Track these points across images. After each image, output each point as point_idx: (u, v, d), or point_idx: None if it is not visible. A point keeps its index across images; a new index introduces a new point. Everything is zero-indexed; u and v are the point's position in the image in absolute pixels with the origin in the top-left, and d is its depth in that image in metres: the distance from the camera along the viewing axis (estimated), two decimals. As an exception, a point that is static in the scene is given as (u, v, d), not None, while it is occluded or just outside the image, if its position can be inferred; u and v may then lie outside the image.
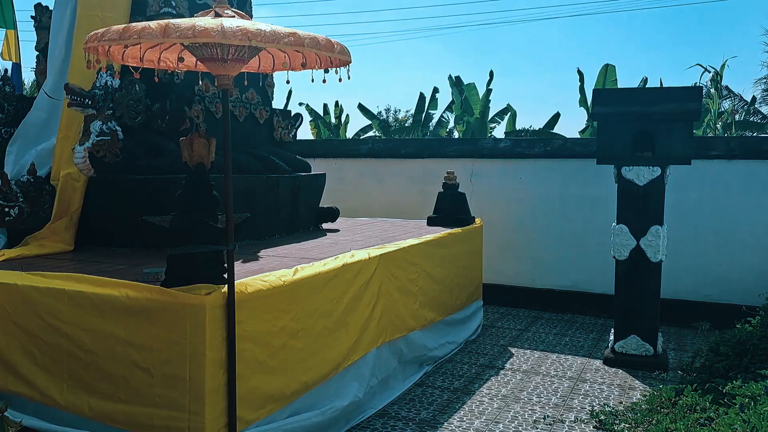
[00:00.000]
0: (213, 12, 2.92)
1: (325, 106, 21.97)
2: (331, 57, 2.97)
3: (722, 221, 6.58)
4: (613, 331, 5.47)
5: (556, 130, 16.67)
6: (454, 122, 18.97)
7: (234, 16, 2.89)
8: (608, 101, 5.38)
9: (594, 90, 5.71)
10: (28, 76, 19.92)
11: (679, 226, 6.46)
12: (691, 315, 6.27)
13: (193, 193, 3.00)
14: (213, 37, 2.46)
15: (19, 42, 10.78)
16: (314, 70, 3.28)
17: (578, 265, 7.17)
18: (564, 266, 7.25)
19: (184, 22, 2.52)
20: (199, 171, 3.04)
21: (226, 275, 3.05)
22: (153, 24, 2.51)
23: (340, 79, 3.19)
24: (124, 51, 2.98)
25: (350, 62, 3.14)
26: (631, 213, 5.26)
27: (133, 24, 2.57)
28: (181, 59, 3.16)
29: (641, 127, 5.16)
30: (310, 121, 21.69)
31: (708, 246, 6.63)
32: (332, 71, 3.23)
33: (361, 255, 4.24)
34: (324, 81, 3.29)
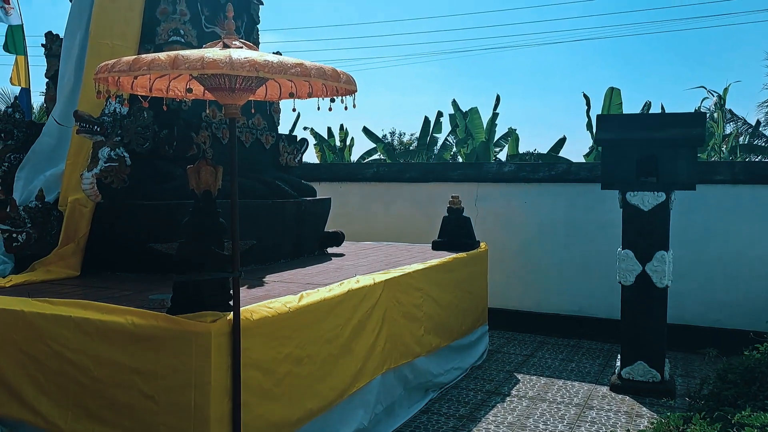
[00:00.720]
0: (221, 43, 2.97)
1: (330, 129, 22.09)
2: (338, 86, 3.01)
3: (728, 246, 6.56)
4: (619, 357, 5.43)
5: (562, 153, 16.72)
6: (458, 146, 19.05)
7: (242, 47, 2.94)
8: (612, 127, 5.41)
9: (598, 116, 5.75)
10: (37, 101, 20.16)
11: (684, 251, 6.44)
12: (699, 340, 6.22)
13: (200, 221, 3.02)
14: (221, 69, 2.50)
15: (29, 67, 10.96)
16: (321, 99, 3.33)
17: (584, 290, 7.14)
18: (570, 291, 7.23)
19: (193, 53, 2.56)
20: (205, 198, 3.07)
21: (231, 302, 3.05)
22: (162, 56, 2.55)
23: (345, 108, 3.23)
24: (134, 81, 3.03)
25: (356, 91, 3.18)
26: (636, 238, 5.26)
27: (143, 55, 2.61)
28: (189, 90, 3.21)
29: (645, 153, 5.18)
30: (315, 145, 21.80)
31: (714, 271, 6.61)
32: (338, 99, 3.27)
33: (366, 280, 4.24)
34: (330, 109, 3.33)
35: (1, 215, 4.33)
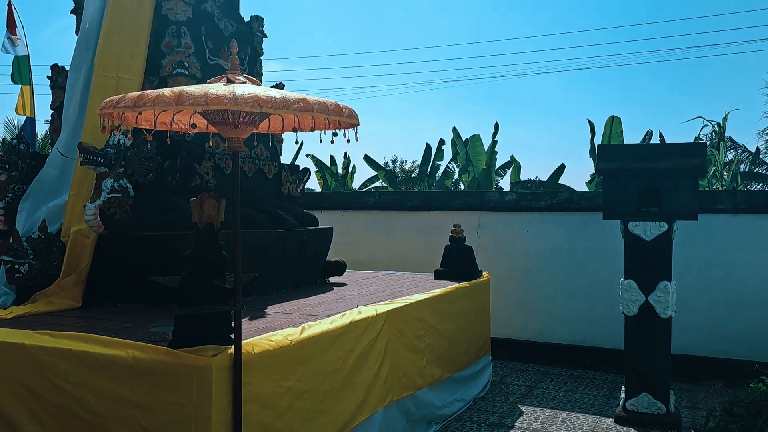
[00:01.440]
0: (225, 78, 3.00)
1: (332, 157, 22.19)
2: (340, 120, 3.03)
3: (731, 275, 6.54)
4: (624, 388, 5.38)
5: (562, 180, 16.75)
6: (460, 173, 19.12)
7: (245, 82, 2.97)
8: (613, 157, 5.43)
9: (598, 146, 5.78)
10: (41, 129, 20.29)
11: (688, 281, 6.41)
12: (704, 371, 6.17)
13: (202, 254, 3.03)
14: (225, 105, 2.53)
15: (34, 97, 11.06)
16: (324, 132, 3.35)
17: (587, 320, 7.11)
18: (573, 320, 7.19)
19: (197, 89, 2.59)
20: (208, 231, 3.07)
21: (233, 335, 3.04)
22: (167, 92, 2.58)
23: (348, 141, 3.25)
24: (138, 115, 3.06)
25: (358, 125, 3.20)
26: (639, 268, 5.24)
27: (148, 91, 2.64)
28: (193, 125, 3.23)
29: (647, 183, 5.20)
30: (317, 172, 21.88)
31: (718, 300, 6.58)
32: (341, 132, 3.30)
33: (368, 311, 4.23)
34: (332, 142, 3.36)
35: (3, 246, 4.33)
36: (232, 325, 3.06)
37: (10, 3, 10.86)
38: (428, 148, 20.09)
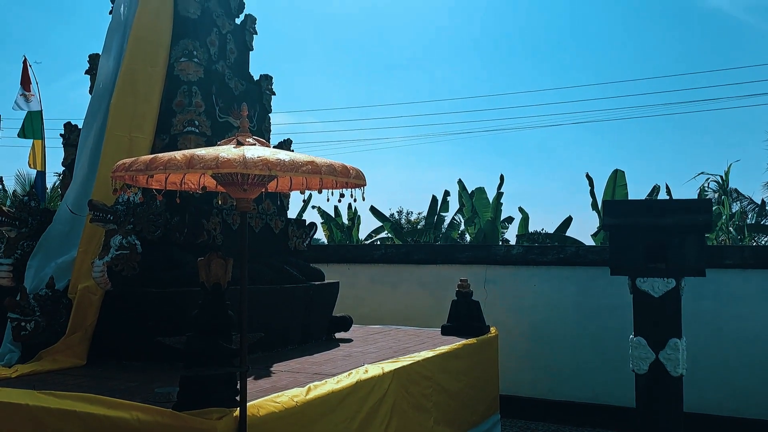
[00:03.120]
0: (235, 140, 3.06)
1: (336, 208, 22.28)
2: (348, 181, 3.07)
3: (742, 332, 6.46)
4: (636, 449, 5.25)
5: (569, 233, 16.74)
6: (466, 225, 19.15)
7: (255, 144, 3.03)
8: (619, 213, 5.44)
9: (604, 201, 5.81)
10: (51, 180, 20.52)
11: (698, 337, 6.33)
12: (718, 431, 6.02)
13: (209, 315, 3.02)
14: (235, 168, 2.57)
15: (45, 150, 11.24)
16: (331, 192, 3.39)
17: (597, 376, 6.99)
18: (582, 377, 7.08)
19: (208, 153, 2.64)
20: (215, 292, 3.08)
21: (238, 397, 3.01)
22: (178, 155, 2.63)
23: (354, 200, 3.29)
24: (149, 177, 3.11)
25: (365, 185, 3.24)
26: (648, 325, 5.18)
27: (160, 155, 2.69)
28: (204, 188, 3.28)
29: (653, 239, 5.19)
30: (322, 223, 21.93)
31: (730, 357, 6.48)
32: (347, 192, 3.33)
33: (374, 370, 4.18)
34: (339, 201, 3.40)
35: (11, 303, 4.34)
36: (238, 386, 3.03)
37: (25, 60, 11.18)
38: (434, 199, 20.18)
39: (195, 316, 3.06)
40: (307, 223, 6.75)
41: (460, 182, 18.82)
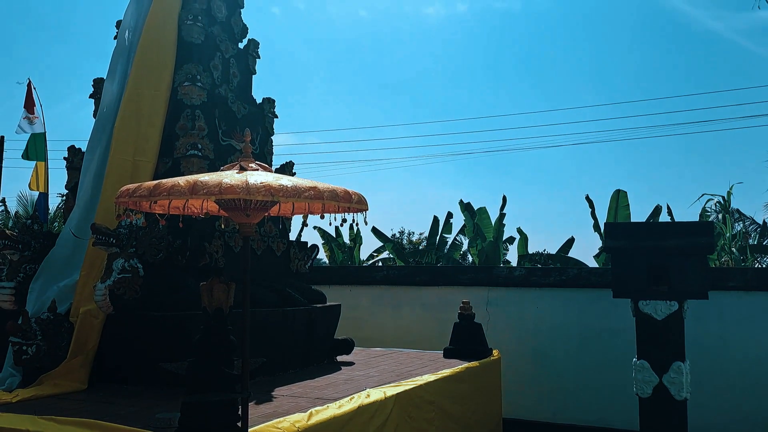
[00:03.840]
0: (238, 165, 3.08)
1: (337, 228, 22.28)
2: (350, 206, 3.08)
3: (747, 354, 6.42)
4: (641, 474, 5.19)
5: (571, 253, 16.70)
6: (467, 245, 19.13)
7: (258, 169, 3.04)
8: (620, 235, 5.44)
9: (606, 224, 5.81)
10: (54, 202, 20.56)
11: (702, 360, 6.28)
12: (723, 455, 5.96)
13: (211, 340, 3.02)
14: (238, 194, 2.59)
15: (48, 171, 11.28)
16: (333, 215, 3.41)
17: (601, 400, 6.93)
18: (586, 400, 7.02)
19: (212, 179, 2.65)
20: (217, 317, 3.08)
21: (240, 423, 2.99)
22: (182, 181, 2.64)
23: (356, 224, 3.30)
24: (153, 203, 3.12)
25: (367, 209, 3.25)
26: (651, 348, 5.15)
27: (163, 181, 2.71)
28: (207, 214, 3.30)
29: (655, 261, 5.18)
30: (324, 244, 21.90)
31: (734, 380, 6.43)
32: (350, 216, 3.35)
33: (376, 394, 4.15)
34: (341, 225, 3.42)
35: (12, 327, 4.33)
36: (239, 411, 3.02)
37: (29, 83, 11.28)
38: (436, 220, 20.17)
39: (197, 341, 3.06)
40: (309, 245, 6.76)
41: (461, 203, 18.84)
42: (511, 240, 18.45)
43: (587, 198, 16.00)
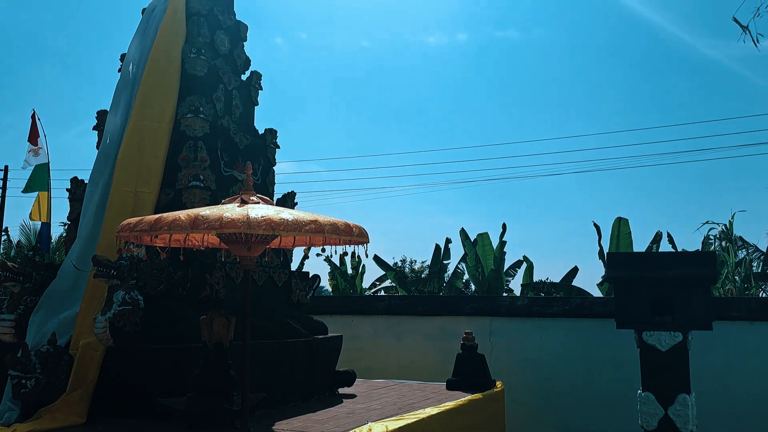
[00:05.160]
0: (239, 198, 3.09)
1: (341, 257, 22.27)
2: (351, 239, 3.08)
3: (754, 385, 6.34)
4: None
5: (575, 282, 16.62)
6: (469, 273, 19.06)
7: (259, 202, 3.05)
8: (623, 265, 5.41)
9: (608, 254, 5.80)
10: (56, 231, 20.62)
11: (708, 392, 6.19)
12: (732, 489, 5.85)
13: (210, 375, 3.00)
14: (239, 228, 2.59)
15: (51, 202, 11.31)
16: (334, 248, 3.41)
17: (605, 432, 6.83)
18: (591, 432, 6.92)
19: (212, 213, 2.66)
20: (217, 351, 3.06)
21: (239, 460, 2.95)
22: (183, 215, 2.65)
23: (358, 256, 3.30)
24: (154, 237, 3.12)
25: (368, 242, 3.25)
26: (656, 380, 5.10)
27: (164, 215, 2.72)
28: (206, 248, 3.30)
29: (658, 292, 5.15)
30: (329, 272, 21.85)
31: (742, 412, 6.34)
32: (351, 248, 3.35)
33: (379, 429, 4.10)
34: (343, 257, 3.41)
35: (11, 361, 4.30)
36: (239, 448, 2.98)
37: (34, 114, 11.39)
38: (437, 248, 20.15)
39: (196, 376, 3.03)
40: (310, 275, 6.74)
41: (462, 232, 18.82)
42: (518, 264, 18.38)
43: (594, 224, 15.96)
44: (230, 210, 2.73)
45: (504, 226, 17.90)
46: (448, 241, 20.33)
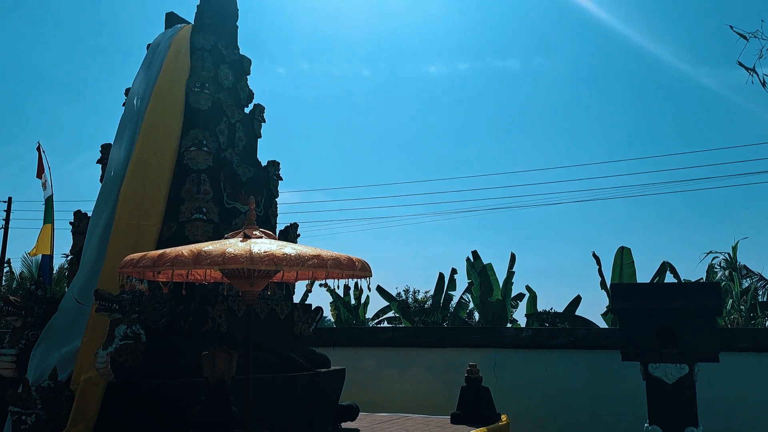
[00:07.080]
0: (242, 233, 3.09)
1: (345, 287, 22.16)
2: (353, 273, 3.08)
3: (761, 418, 6.25)
4: None
5: (579, 311, 16.51)
6: (474, 303, 18.94)
7: (262, 237, 3.06)
8: (627, 297, 5.39)
9: (612, 285, 5.77)
10: (58, 261, 20.56)
11: (715, 425, 6.12)
12: None
13: (212, 412, 2.96)
14: (242, 264, 2.59)
15: (54, 233, 11.33)
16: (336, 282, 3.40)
17: (613, 466, 6.72)
18: (598, 466, 6.80)
19: (215, 249, 2.66)
20: (219, 387, 3.03)
21: (241, 499, 2.90)
22: (185, 251, 2.65)
23: (361, 290, 3.29)
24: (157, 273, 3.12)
25: (371, 276, 3.24)
26: (662, 413, 5.04)
27: (167, 250, 2.72)
28: (208, 283, 3.29)
29: (663, 323, 5.12)
30: (331, 303, 21.75)
31: (750, 445, 6.24)
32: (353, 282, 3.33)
33: (382, 465, 4.04)
34: (345, 291, 3.40)
35: (12, 397, 4.26)
36: (240, 487, 2.94)
37: (39, 146, 11.49)
38: (441, 277, 20.04)
39: (198, 413, 3.00)
40: (313, 307, 6.70)
41: (468, 260, 18.74)
42: (520, 297, 18.28)
43: (594, 255, 15.90)
44: (233, 245, 2.73)
45: (513, 257, 17.81)
46: (453, 271, 20.21)
